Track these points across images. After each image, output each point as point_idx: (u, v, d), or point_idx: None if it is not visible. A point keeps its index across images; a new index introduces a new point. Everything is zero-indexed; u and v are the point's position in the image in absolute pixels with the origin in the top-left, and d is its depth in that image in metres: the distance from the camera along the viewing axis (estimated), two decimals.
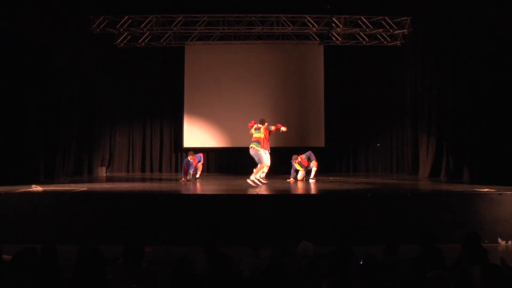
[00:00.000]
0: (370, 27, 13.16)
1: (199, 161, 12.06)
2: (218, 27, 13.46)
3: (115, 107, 14.81)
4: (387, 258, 4.88)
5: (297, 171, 11.54)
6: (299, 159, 11.47)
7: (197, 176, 12.24)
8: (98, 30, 12.98)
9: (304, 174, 11.55)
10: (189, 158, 11.71)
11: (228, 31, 13.78)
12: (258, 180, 10.05)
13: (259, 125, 10.30)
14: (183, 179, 11.56)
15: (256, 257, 5.06)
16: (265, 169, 10.30)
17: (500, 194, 8.10)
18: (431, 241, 4.97)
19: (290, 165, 11.64)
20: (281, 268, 4.01)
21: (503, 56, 9.66)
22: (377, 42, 13.89)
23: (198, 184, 11.22)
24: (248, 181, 9.95)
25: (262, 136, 10.11)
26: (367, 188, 9.94)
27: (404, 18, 13.03)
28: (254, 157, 10.08)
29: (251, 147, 10.08)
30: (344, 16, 12.94)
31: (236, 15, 13.16)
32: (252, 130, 10.38)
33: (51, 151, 11.54)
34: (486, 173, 9.89)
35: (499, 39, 9.69)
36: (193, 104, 14.51)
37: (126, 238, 4.77)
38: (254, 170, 10.07)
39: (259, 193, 9.11)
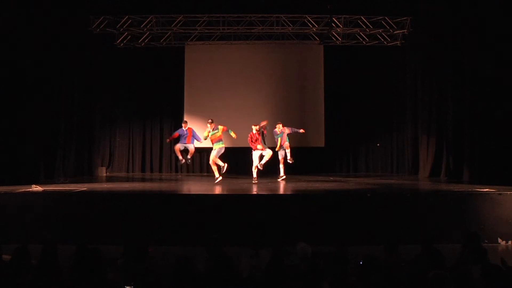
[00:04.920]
0: (370, 27, 13.15)
1: (193, 140, 11.46)
2: (218, 27, 13.46)
3: (115, 107, 14.81)
4: (387, 258, 4.88)
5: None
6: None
7: (188, 157, 11.68)
8: (98, 30, 12.98)
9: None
10: (183, 127, 11.38)
11: (228, 31, 13.78)
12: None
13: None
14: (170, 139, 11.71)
15: (256, 257, 5.06)
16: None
17: (500, 194, 8.11)
18: (431, 241, 4.97)
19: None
20: (281, 268, 4.01)
21: (504, 55, 9.66)
22: (377, 42, 13.89)
23: (198, 184, 11.21)
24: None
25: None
26: (367, 188, 9.94)
27: (404, 18, 13.03)
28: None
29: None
30: (344, 16, 12.94)
31: (236, 15, 13.16)
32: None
33: (51, 151, 11.54)
34: (486, 173, 9.89)
35: (499, 38, 9.69)
36: (193, 104, 14.51)
37: (126, 238, 4.78)
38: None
39: (259, 193, 9.14)
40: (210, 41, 14.40)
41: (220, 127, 10.88)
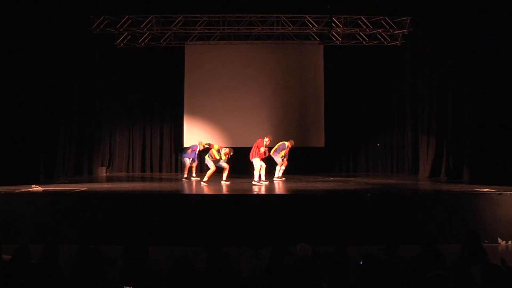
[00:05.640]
0: (370, 27, 13.16)
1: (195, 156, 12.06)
2: (218, 27, 13.45)
3: (115, 107, 14.81)
4: (387, 258, 4.88)
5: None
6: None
7: (185, 175, 12.17)
8: (98, 30, 12.98)
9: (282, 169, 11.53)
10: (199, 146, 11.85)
11: (228, 31, 13.78)
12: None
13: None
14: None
15: (256, 257, 5.06)
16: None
17: (500, 194, 8.11)
18: (431, 241, 4.97)
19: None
20: (281, 268, 4.01)
21: (503, 55, 9.66)
22: (377, 42, 13.89)
23: (198, 184, 11.21)
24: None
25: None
26: (367, 188, 9.94)
27: (404, 18, 13.04)
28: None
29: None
30: (344, 16, 12.95)
31: (236, 15, 13.16)
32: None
33: (51, 151, 11.55)
34: (486, 173, 9.88)
35: (499, 38, 9.68)
36: (193, 104, 14.51)
37: (126, 238, 4.77)
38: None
39: (259, 193, 9.14)
40: (210, 41, 14.41)
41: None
